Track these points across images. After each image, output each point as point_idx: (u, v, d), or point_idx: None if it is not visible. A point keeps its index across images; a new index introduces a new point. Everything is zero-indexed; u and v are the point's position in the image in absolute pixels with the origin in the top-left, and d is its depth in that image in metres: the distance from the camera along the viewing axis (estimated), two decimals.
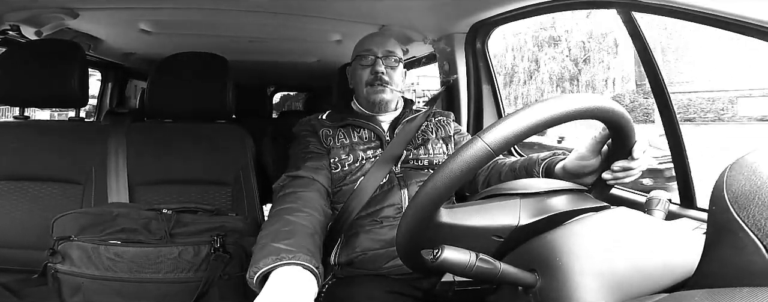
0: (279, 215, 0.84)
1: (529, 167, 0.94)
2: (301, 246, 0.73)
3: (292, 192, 0.93)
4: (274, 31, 1.78)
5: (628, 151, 0.67)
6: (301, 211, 0.85)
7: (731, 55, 9.00)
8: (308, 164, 1.03)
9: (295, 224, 0.80)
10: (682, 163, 1.00)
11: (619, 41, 11.56)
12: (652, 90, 1.02)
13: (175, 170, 1.29)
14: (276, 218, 0.83)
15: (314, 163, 1.04)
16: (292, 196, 0.92)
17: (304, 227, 0.80)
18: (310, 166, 1.02)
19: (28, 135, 1.29)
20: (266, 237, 0.76)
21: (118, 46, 1.99)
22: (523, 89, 12.31)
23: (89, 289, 0.95)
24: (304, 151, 1.07)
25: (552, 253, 0.52)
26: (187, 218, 1.05)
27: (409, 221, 0.55)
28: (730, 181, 0.40)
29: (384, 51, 1.12)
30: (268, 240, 0.74)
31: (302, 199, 0.90)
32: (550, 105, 0.50)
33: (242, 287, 1.02)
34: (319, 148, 1.08)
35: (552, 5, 1.21)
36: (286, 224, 0.80)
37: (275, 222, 0.81)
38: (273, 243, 0.72)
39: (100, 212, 1.04)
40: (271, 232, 0.77)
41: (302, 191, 0.94)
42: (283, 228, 0.78)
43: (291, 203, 0.88)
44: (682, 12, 0.82)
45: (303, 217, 0.84)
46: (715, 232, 0.41)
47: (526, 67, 12.08)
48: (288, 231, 0.77)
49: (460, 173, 0.50)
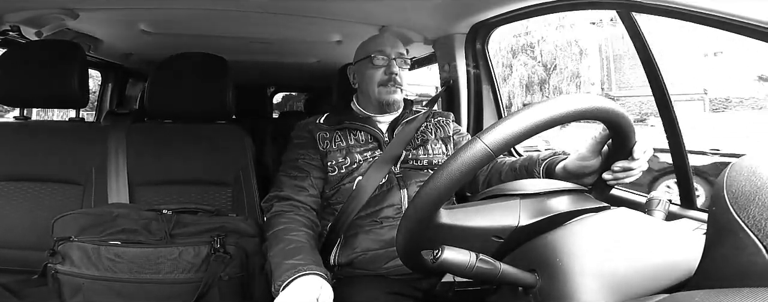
0: (278, 236, 0.94)
1: (529, 167, 0.94)
2: (310, 260, 0.86)
3: (280, 213, 1.00)
4: (274, 31, 1.77)
5: (629, 151, 0.67)
6: (297, 230, 0.95)
7: (677, 61, 9.56)
8: (293, 183, 1.06)
9: (297, 241, 0.92)
10: (682, 163, 1.00)
11: (585, 50, 12.90)
12: (652, 90, 1.02)
13: (176, 170, 1.29)
14: (277, 239, 0.93)
15: (297, 183, 1.06)
16: (281, 217, 0.99)
17: (304, 244, 0.92)
18: (293, 185, 1.05)
19: (28, 136, 1.29)
20: (277, 256, 0.88)
21: (118, 46, 1.98)
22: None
23: (89, 290, 0.95)
24: (292, 165, 1.09)
25: (552, 253, 0.52)
26: (188, 219, 1.05)
27: (409, 222, 0.55)
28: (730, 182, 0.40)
29: (396, 52, 1.13)
30: (280, 258, 0.86)
31: (293, 221, 0.98)
32: (550, 106, 0.50)
33: (242, 288, 1.02)
34: (309, 162, 1.08)
35: (552, 5, 1.21)
36: (289, 243, 0.91)
37: (278, 243, 0.92)
38: (286, 260, 0.85)
39: (100, 212, 1.04)
40: (280, 252, 0.89)
41: (288, 213, 1.00)
42: (288, 246, 0.90)
43: (285, 225, 0.96)
44: (682, 12, 0.82)
45: (301, 235, 0.94)
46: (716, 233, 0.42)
47: (500, 72, 12.88)
48: (294, 248, 0.89)
49: (459, 175, 0.50)
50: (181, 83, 1.30)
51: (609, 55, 13.37)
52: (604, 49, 13.37)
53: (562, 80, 13.06)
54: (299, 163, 1.08)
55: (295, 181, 1.06)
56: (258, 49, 2.05)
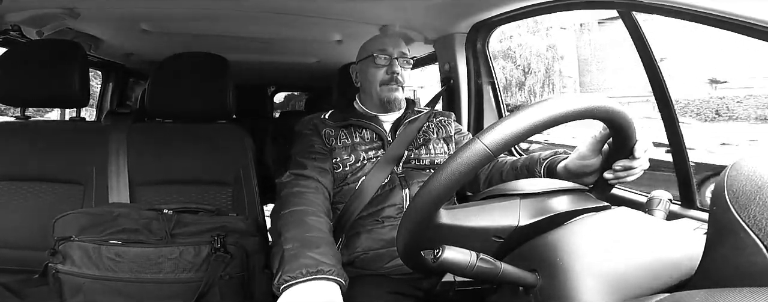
0: (296, 216, 0.85)
1: (530, 167, 0.94)
2: (332, 256, 0.77)
3: (300, 193, 0.95)
4: (275, 31, 1.78)
5: (629, 150, 0.67)
6: (317, 215, 0.88)
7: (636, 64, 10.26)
8: (315, 164, 1.03)
9: (318, 230, 0.83)
10: (683, 163, 1.00)
11: (562, 56, 14.13)
12: (653, 90, 1.02)
13: (176, 170, 1.29)
14: (294, 219, 0.85)
15: (319, 164, 1.04)
16: (301, 197, 0.93)
17: (326, 235, 0.83)
18: (316, 166, 1.03)
19: (29, 136, 1.29)
20: (293, 240, 0.79)
21: (118, 46, 1.99)
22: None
23: (90, 289, 0.95)
24: (309, 150, 1.07)
25: (553, 253, 0.52)
26: (188, 219, 1.05)
27: (409, 222, 0.55)
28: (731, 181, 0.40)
29: (399, 51, 1.13)
30: (297, 244, 0.77)
31: (313, 203, 0.92)
32: (550, 106, 0.50)
33: (243, 287, 1.02)
34: (323, 148, 1.08)
35: (552, 5, 1.21)
36: (309, 229, 0.82)
37: (296, 225, 0.83)
38: (307, 250, 0.75)
39: (100, 212, 1.04)
40: (297, 237, 0.79)
41: (310, 194, 0.95)
42: (308, 233, 0.81)
43: (303, 206, 0.90)
44: (683, 12, 0.82)
45: (322, 222, 0.86)
46: (716, 232, 0.42)
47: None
48: (314, 238, 0.80)
49: (459, 176, 0.50)
50: (181, 83, 1.30)
51: (579, 58, 14.52)
52: (575, 53, 14.49)
53: (535, 82, 13.90)
54: (316, 148, 1.07)
55: (316, 162, 1.04)
56: (258, 48, 2.05)
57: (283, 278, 0.72)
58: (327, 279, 0.72)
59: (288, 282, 0.71)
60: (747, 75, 10.80)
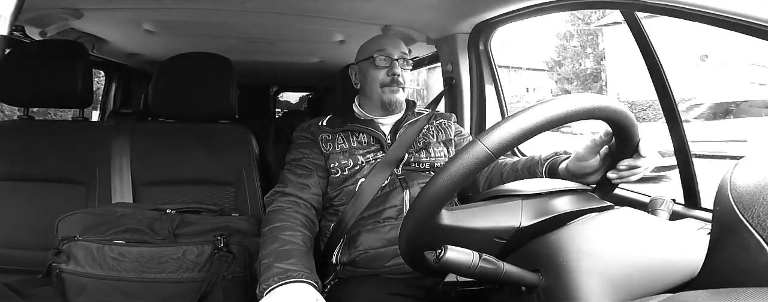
0: (273, 234, 0.91)
1: (531, 167, 0.94)
2: (303, 265, 0.82)
3: (280, 209, 0.98)
4: (277, 31, 1.78)
5: (634, 149, 0.67)
6: (294, 230, 0.92)
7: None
8: (298, 180, 1.05)
9: (291, 243, 0.88)
10: (686, 163, 0.99)
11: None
12: (656, 90, 1.02)
13: (179, 170, 1.29)
14: (272, 237, 0.90)
15: (302, 180, 1.06)
16: (280, 213, 0.97)
17: (299, 246, 0.88)
18: (297, 183, 1.05)
19: (32, 135, 1.30)
20: (268, 256, 0.84)
21: (122, 46, 1.99)
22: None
23: (93, 289, 0.96)
24: (297, 164, 1.09)
25: (555, 253, 0.52)
26: (191, 218, 1.05)
27: (411, 225, 0.56)
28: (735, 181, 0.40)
29: (399, 53, 1.12)
30: (271, 259, 0.83)
31: (290, 218, 0.96)
32: (550, 106, 0.50)
33: (245, 287, 1.02)
34: (312, 161, 1.08)
35: (554, 5, 1.20)
36: (283, 243, 0.88)
37: (273, 242, 0.88)
38: (277, 263, 0.81)
39: (104, 212, 1.04)
40: (272, 252, 0.85)
41: (290, 209, 0.98)
42: (281, 247, 0.87)
43: (280, 223, 0.94)
44: (686, 12, 0.82)
45: (297, 236, 0.91)
46: (720, 232, 0.41)
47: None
48: (287, 250, 0.86)
49: (459, 177, 0.50)
50: (184, 83, 1.31)
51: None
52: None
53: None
54: (303, 162, 1.08)
55: (299, 179, 1.06)
56: (261, 49, 2.05)
57: (261, 286, 0.79)
58: (297, 281, 0.78)
59: (265, 289, 0.78)
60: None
